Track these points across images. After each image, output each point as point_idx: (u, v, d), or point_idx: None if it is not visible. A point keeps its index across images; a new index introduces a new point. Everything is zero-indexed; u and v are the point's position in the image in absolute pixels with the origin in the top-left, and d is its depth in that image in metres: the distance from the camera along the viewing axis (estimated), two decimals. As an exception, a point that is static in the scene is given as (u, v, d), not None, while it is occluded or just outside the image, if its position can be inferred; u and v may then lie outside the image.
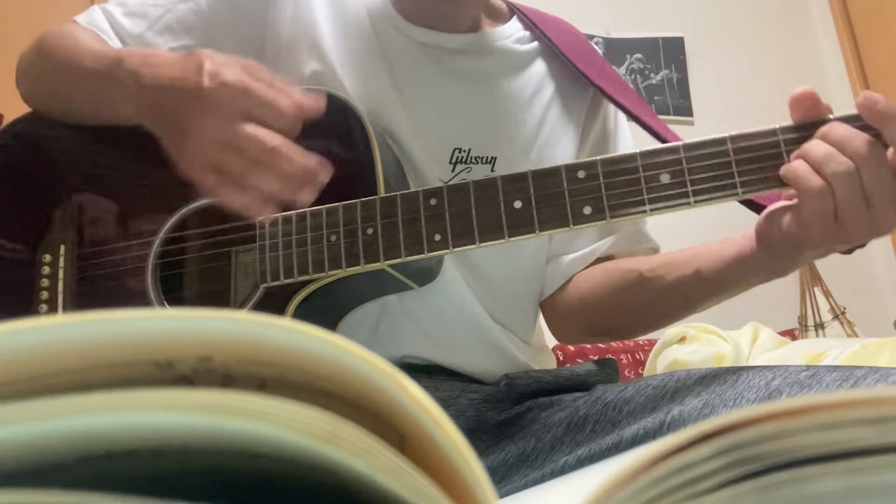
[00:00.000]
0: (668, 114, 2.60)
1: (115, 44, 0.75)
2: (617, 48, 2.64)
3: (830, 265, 2.33)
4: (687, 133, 0.63)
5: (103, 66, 0.65)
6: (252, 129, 0.54)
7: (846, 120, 0.55)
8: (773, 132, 0.57)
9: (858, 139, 0.52)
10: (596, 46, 2.62)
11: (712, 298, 0.70)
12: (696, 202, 0.57)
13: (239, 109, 0.54)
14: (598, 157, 0.60)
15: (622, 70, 2.63)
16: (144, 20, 0.76)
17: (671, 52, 2.69)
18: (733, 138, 0.57)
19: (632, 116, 0.76)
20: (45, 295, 0.71)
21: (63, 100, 0.73)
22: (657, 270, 0.72)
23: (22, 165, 0.76)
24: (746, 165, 0.57)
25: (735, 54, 2.72)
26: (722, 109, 2.60)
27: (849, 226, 0.53)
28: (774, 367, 0.57)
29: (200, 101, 0.55)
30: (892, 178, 0.52)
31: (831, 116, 0.56)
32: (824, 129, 0.54)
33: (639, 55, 2.66)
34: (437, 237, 0.61)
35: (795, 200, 0.56)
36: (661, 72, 2.66)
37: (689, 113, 2.62)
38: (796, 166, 0.54)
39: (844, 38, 2.78)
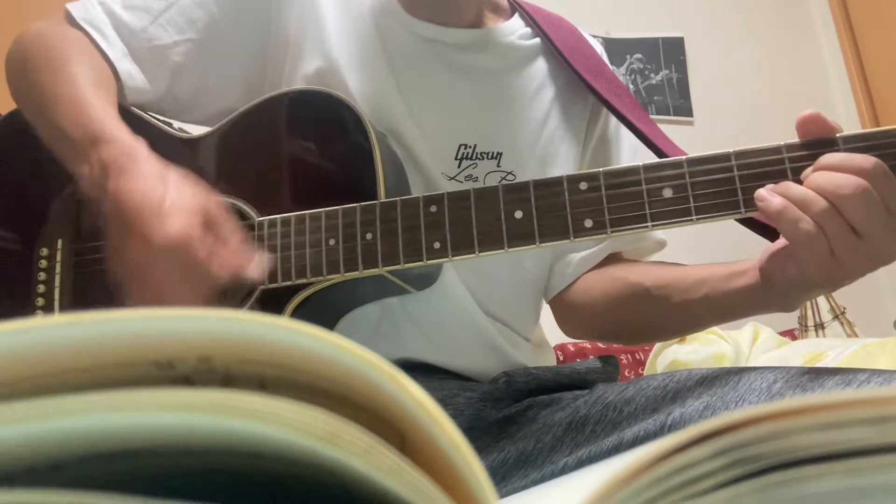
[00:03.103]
0: (668, 114, 2.60)
1: (115, 41, 0.73)
2: (617, 48, 2.63)
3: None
4: (687, 133, 0.64)
5: (81, 136, 0.62)
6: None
7: (850, 140, 0.53)
8: (779, 149, 0.56)
9: (840, 179, 0.50)
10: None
11: (719, 322, 0.70)
12: (698, 219, 0.56)
13: (171, 263, 0.55)
14: (601, 170, 0.59)
15: (622, 70, 2.62)
16: (147, 14, 0.75)
17: (671, 52, 2.68)
18: (737, 154, 0.56)
19: (627, 124, 0.75)
20: (41, 288, 0.70)
21: (39, 129, 0.70)
22: (664, 289, 0.71)
23: (17, 157, 0.75)
24: (750, 182, 0.55)
25: (735, 54, 2.72)
26: (722, 109, 2.59)
27: (845, 261, 0.51)
28: (776, 368, 0.57)
29: (140, 237, 0.55)
30: (882, 208, 0.50)
31: (838, 136, 0.54)
32: (808, 172, 0.53)
33: (639, 55, 2.66)
34: (437, 245, 0.61)
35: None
36: (661, 72, 2.66)
37: (689, 113, 2.62)
38: (783, 210, 0.52)
39: (844, 38, 2.78)
